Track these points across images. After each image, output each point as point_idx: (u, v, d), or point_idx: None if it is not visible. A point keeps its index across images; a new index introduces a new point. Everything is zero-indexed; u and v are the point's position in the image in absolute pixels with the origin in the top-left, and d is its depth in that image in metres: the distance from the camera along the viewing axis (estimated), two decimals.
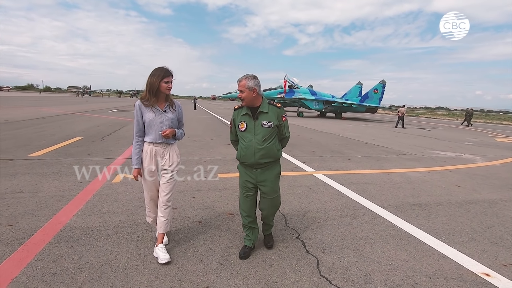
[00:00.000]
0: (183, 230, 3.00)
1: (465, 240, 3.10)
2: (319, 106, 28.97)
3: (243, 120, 2.47)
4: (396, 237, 3.08)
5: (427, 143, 11.85)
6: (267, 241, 2.77)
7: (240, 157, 2.52)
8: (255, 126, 2.42)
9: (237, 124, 2.53)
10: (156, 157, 2.49)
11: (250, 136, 2.42)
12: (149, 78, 2.39)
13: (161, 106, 2.47)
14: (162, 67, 2.42)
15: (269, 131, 2.40)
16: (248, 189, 2.56)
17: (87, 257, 2.40)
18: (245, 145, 2.44)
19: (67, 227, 2.90)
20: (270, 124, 2.40)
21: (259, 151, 2.39)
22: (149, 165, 2.48)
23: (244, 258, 2.50)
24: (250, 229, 2.63)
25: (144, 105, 2.43)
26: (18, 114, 14.30)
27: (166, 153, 2.52)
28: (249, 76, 2.38)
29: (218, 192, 4.25)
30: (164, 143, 2.49)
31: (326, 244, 2.85)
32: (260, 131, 2.40)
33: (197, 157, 6.66)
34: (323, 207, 3.85)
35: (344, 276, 2.33)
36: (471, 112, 25.64)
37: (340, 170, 6.03)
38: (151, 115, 2.42)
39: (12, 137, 7.78)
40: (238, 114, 2.54)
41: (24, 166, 5.04)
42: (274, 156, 2.47)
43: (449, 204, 4.25)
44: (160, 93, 2.43)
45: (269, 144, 2.41)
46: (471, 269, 2.53)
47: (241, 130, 2.48)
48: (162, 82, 2.38)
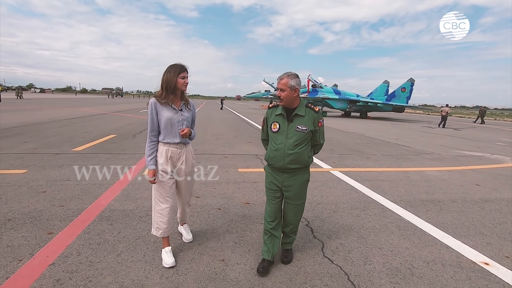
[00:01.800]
0: (204, 215, 3.37)
1: (471, 233, 3.20)
2: (343, 105, 28.56)
3: (276, 121, 2.30)
4: (402, 228, 3.25)
5: (455, 143, 11.46)
6: (284, 255, 2.49)
7: (269, 159, 2.36)
8: (288, 129, 2.25)
9: (269, 123, 2.37)
10: (172, 159, 2.39)
11: (282, 138, 2.26)
12: (165, 75, 2.28)
13: (177, 104, 2.38)
14: (177, 63, 2.31)
15: (303, 136, 2.24)
16: (273, 191, 2.39)
17: (124, 232, 2.85)
18: (275, 147, 2.28)
19: (107, 209, 3.39)
20: (304, 128, 2.23)
21: (289, 156, 2.23)
22: (165, 167, 2.36)
23: (263, 273, 2.28)
24: (270, 237, 2.40)
25: (160, 103, 2.31)
26: (60, 114, 15.68)
27: (182, 154, 2.43)
28: (292, 74, 2.22)
29: (237, 184, 4.60)
30: (181, 144, 2.41)
31: (333, 231, 3.09)
32: (293, 135, 2.24)
33: (219, 153, 7.07)
34: (334, 200, 4.07)
35: (345, 258, 2.58)
36: (484, 110, 28.11)
37: (356, 167, 6.16)
38: (169, 114, 2.31)
39: (57, 134, 8.69)
40: (271, 113, 2.38)
41: (69, 159, 5.72)
42: (304, 163, 2.30)
43: (464, 201, 4.28)
44: (177, 90, 2.33)
45: (300, 150, 2.25)
46: (471, 258, 2.66)
47: (273, 130, 2.31)
48: (179, 78, 2.28)
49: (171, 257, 2.37)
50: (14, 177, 4.40)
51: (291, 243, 2.56)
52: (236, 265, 2.41)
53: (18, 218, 3.03)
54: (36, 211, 3.21)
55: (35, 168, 4.95)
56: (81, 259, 2.36)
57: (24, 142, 7.18)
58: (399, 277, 2.33)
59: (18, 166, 4.99)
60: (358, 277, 2.30)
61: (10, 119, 11.99)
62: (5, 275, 2.11)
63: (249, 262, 2.46)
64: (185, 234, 2.78)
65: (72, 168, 5.04)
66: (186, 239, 2.75)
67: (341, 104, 28.48)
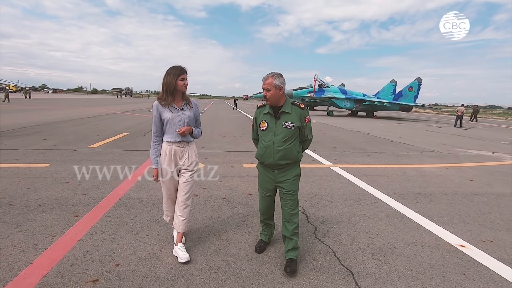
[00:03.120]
0: (211, 203, 3.74)
1: (455, 222, 3.48)
2: (350, 105, 28.65)
3: (265, 119, 2.42)
4: (390, 216, 3.55)
5: (458, 141, 11.57)
6: (288, 265, 2.33)
7: (259, 157, 2.47)
8: (276, 126, 2.35)
9: (258, 122, 2.48)
10: (175, 157, 2.48)
11: (271, 136, 2.36)
12: (165, 78, 2.38)
13: (178, 104, 2.47)
14: (177, 65, 2.41)
15: (290, 132, 2.33)
16: (267, 190, 2.53)
17: (140, 216, 3.23)
18: (264, 144, 2.38)
19: (124, 197, 3.78)
20: (291, 125, 2.33)
21: (278, 152, 2.32)
22: (169, 165, 2.48)
23: (259, 251, 2.58)
24: (266, 225, 2.68)
25: (161, 105, 2.43)
26: (74, 113, 16.34)
27: (185, 153, 2.51)
28: (275, 74, 2.33)
29: (241, 178, 4.96)
30: (183, 142, 2.49)
31: (326, 218, 3.42)
32: (280, 132, 2.33)
33: (225, 150, 7.44)
34: (331, 192, 4.38)
35: (334, 239, 2.91)
36: (477, 109, 29.87)
37: (356, 164, 6.44)
38: (169, 114, 2.42)
39: (73, 133, 9.22)
40: (260, 112, 2.49)
41: (86, 155, 6.17)
42: (293, 158, 2.39)
43: (454, 194, 4.54)
44: (176, 92, 2.42)
45: (289, 146, 2.34)
46: (449, 241, 2.95)
47: (262, 129, 2.43)
48: (178, 80, 2.37)
49: (185, 252, 2.44)
50: (39, 170, 4.85)
51: (295, 251, 2.39)
52: (237, 243, 2.77)
53: (47, 204, 3.45)
54: (62, 198, 3.63)
55: (57, 162, 5.41)
56: (104, 236, 2.75)
57: (44, 140, 7.70)
58: (380, 255, 2.64)
59: (42, 161, 5.45)
60: (343, 254, 2.63)
61: (28, 119, 12.63)
62: (42, 247, 2.51)
63: (249, 241, 2.81)
64: (181, 253, 2.42)
65: (90, 162, 5.48)
66: (181, 258, 2.39)
67: (348, 103, 28.59)
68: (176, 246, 2.51)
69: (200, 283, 2.15)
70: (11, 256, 2.35)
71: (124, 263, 2.34)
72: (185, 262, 2.38)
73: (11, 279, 2.08)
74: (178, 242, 2.52)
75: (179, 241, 2.52)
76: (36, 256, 2.38)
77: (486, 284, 2.27)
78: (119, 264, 2.32)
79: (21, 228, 2.83)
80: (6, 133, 8.54)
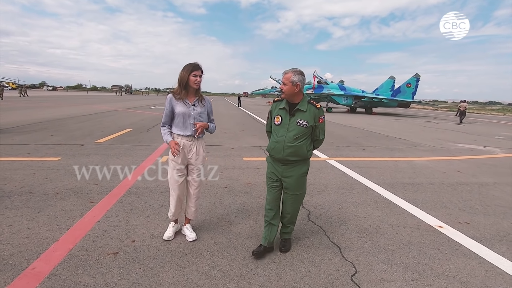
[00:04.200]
0: (213, 191, 4.06)
1: (437, 207, 3.80)
2: (349, 101, 28.93)
3: (279, 114, 2.43)
4: (378, 202, 3.88)
5: (453, 136, 11.89)
6: (282, 244, 2.61)
7: (270, 150, 2.49)
8: (289, 123, 2.37)
9: (273, 116, 2.50)
10: (183, 150, 2.58)
11: (283, 131, 2.38)
12: (181, 72, 2.53)
13: (191, 100, 2.58)
14: (192, 62, 2.54)
15: (303, 130, 2.35)
16: (273, 180, 2.53)
17: (150, 202, 3.55)
18: (276, 139, 2.41)
19: (133, 186, 4.10)
20: (305, 123, 2.35)
21: (288, 148, 2.35)
22: (177, 157, 2.56)
23: (257, 256, 2.45)
24: (268, 226, 2.56)
25: (175, 98, 2.55)
26: (77, 111, 16.63)
27: (193, 147, 2.62)
28: (296, 70, 2.35)
29: (242, 169, 5.28)
30: (191, 137, 2.60)
31: (319, 204, 3.74)
32: (293, 129, 2.35)
33: (226, 145, 7.76)
34: (325, 182, 4.71)
35: (326, 221, 3.23)
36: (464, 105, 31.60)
37: (351, 157, 6.76)
38: (182, 109, 2.54)
39: (79, 129, 9.53)
40: (276, 106, 2.51)
41: (93, 149, 6.49)
42: (302, 156, 2.41)
43: (441, 184, 4.86)
44: (189, 87, 2.53)
45: (299, 143, 2.36)
46: (429, 223, 3.28)
47: (275, 123, 2.45)
48: (191, 76, 2.48)
49: (170, 232, 2.71)
50: (51, 163, 5.17)
51: (289, 233, 2.66)
52: (238, 224, 3.09)
53: (64, 192, 3.77)
54: (77, 187, 3.95)
55: (67, 156, 5.72)
56: (119, 219, 3.08)
57: (51, 135, 8.00)
58: (365, 234, 2.96)
59: (52, 155, 5.77)
60: (332, 233, 2.95)
61: (33, 116, 12.93)
62: (65, 227, 2.83)
63: (249, 223, 3.14)
64: (189, 233, 2.75)
65: (97, 156, 5.80)
66: (189, 237, 2.71)
67: (346, 100, 28.85)
68: (185, 226, 2.82)
69: (206, 255, 2.47)
70: (39, 234, 2.68)
71: (139, 239, 2.67)
72: (192, 241, 2.69)
73: (42, 252, 2.40)
74: (186, 223, 2.83)
75: (187, 222, 2.84)
76: (61, 234, 2.70)
77: (456, 256, 2.60)
78: (135, 240, 2.65)
79: (44, 212, 3.15)
80: (15, 129, 8.86)
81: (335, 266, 2.39)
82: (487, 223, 3.34)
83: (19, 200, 3.44)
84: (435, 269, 2.39)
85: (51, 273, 2.14)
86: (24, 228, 2.77)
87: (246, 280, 2.16)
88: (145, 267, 2.26)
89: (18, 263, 2.24)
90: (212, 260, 2.40)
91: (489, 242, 2.88)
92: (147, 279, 2.13)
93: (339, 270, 2.33)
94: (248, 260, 2.43)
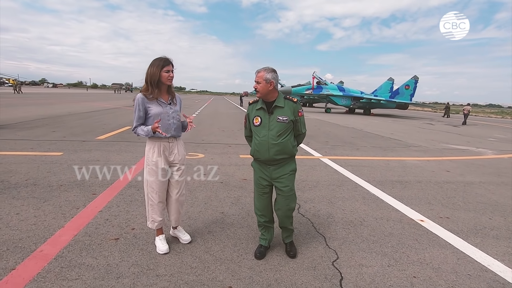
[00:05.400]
0: (209, 186, 4.26)
1: (421, 203, 4.01)
2: (347, 102, 29.14)
3: (258, 115, 2.40)
4: (366, 198, 4.08)
5: (447, 138, 12.11)
6: (289, 249, 2.57)
7: (254, 153, 2.45)
8: (269, 121, 2.34)
9: (251, 119, 2.45)
10: (164, 153, 2.41)
11: (265, 131, 2.34)
12: (149, 69, 2.28)
13: (165, 98, 2.39)
14: (161, 56, 2.31)
15: (284, 126, 2.32)
16: (263, 187, 2.49)
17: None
18: (259, 140, 2.36)
19: (133, 180, 4.30)
20: (285, 119, 2.32)
21: (273, 147, 2.31)
22: (158, 160, 2.37)
23: (259, 257, 2.45)
24: (265, 228, 2.57)
25: (148, 99, 2.31)
26: (77, 108, 16.83)
27: (174, 148, 2.46)
28: (268, 68, 2.34)
29: (237, 166, 5.48)
30: (172, 137, 2.43)
31: (309, 199, 3.94)
32: (274, 126, 2.32)
33: (224, 143, 7.96)
34: (317, 178, 4.91)
35: (314, 214, 3.44)
36: (448, 106, 33.52)
37: (345, 156, 6.97)
38: (158, 109, 2.32)
39: (79, 125, 9.72)
40: (252, 108, 2.47)
41: (94, 145, 6.68)
42: (289, 153, 2.38)
43: (428, 182, 5.07)
44: (161, 84, 2.33)
45: (284, 140, 2.33)
46: (412, 217, 3.48)
47: (255, 124, 2.40)
48: (163, 72, 2.27)
49: (165, 244, 2.49)
50: (54, 158, 5.36)
51: (291, 236, 2.62)
52: (232, 215, 3.30)
53: (67, 184, 3.96)
54: (80, 180, 4.15)
55: (69, 151, 5.92)
56: (120, 209, 3.28)
57: (53, 132, 8.20)
58: (350, 226, 3.17)
59: (55, 150, 5.96)
60: (319, 224, 3.16)
61: (35, 112, 13.12)
62: (69, 216, 3.03)
63: (241, 214, 3.34)
64: (182, 235, 2.65)
65: (99, 152, 6.00)
66: (184, 240, 2.62)
67: (345, 101, 29.07)
68: (175, 230, 2.67)
69: (200, 242, 2.68)
70: (45, 222, 2.88)
71: (138, 227, 2.87)
72: (187, 243, 2.60)
73: (49, 237, 2.60)
74: (177, 226, 2.68)
75: (177, 224, 2.67)
76: (65, 222, 2.90)
77: (432, 246, 2.80)
78: (135, 228, 2.85)
79: (49, 202, 3.35)
80: (17, 125, 9.05)
81: (319, 253, 2.59)
82: (466, 218, 3.55)
83: (25, 191, 3.64)
84: (411, 257, 2.60)
85: (57, 255, 2.34)
86: (31, 216, 2.97)
87: (236, 264, 2.37)
88: (144, 251, 2.46)
89: (27, 246, 2.44)
90: (205, 246, 2.61)
91: (465, 235, 3.09)
92: (146, 261, 2.33)
93: (322, 257, 2.54)
94: (239, 247, 2.63)
